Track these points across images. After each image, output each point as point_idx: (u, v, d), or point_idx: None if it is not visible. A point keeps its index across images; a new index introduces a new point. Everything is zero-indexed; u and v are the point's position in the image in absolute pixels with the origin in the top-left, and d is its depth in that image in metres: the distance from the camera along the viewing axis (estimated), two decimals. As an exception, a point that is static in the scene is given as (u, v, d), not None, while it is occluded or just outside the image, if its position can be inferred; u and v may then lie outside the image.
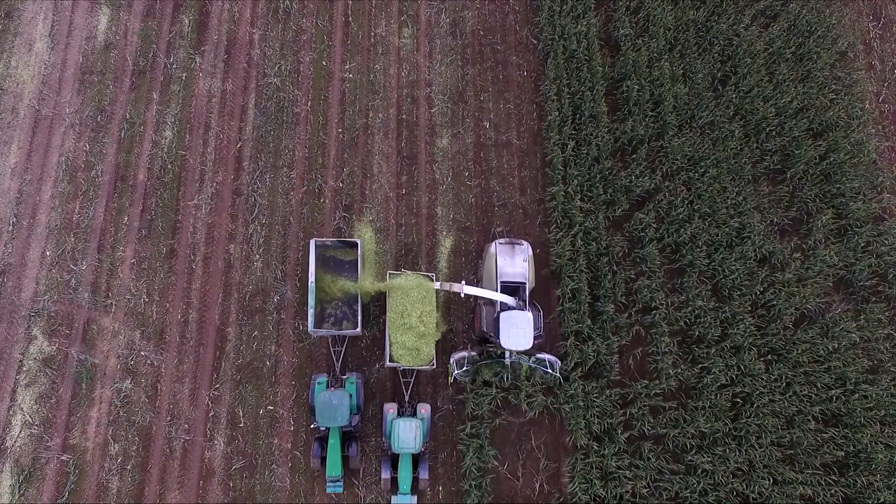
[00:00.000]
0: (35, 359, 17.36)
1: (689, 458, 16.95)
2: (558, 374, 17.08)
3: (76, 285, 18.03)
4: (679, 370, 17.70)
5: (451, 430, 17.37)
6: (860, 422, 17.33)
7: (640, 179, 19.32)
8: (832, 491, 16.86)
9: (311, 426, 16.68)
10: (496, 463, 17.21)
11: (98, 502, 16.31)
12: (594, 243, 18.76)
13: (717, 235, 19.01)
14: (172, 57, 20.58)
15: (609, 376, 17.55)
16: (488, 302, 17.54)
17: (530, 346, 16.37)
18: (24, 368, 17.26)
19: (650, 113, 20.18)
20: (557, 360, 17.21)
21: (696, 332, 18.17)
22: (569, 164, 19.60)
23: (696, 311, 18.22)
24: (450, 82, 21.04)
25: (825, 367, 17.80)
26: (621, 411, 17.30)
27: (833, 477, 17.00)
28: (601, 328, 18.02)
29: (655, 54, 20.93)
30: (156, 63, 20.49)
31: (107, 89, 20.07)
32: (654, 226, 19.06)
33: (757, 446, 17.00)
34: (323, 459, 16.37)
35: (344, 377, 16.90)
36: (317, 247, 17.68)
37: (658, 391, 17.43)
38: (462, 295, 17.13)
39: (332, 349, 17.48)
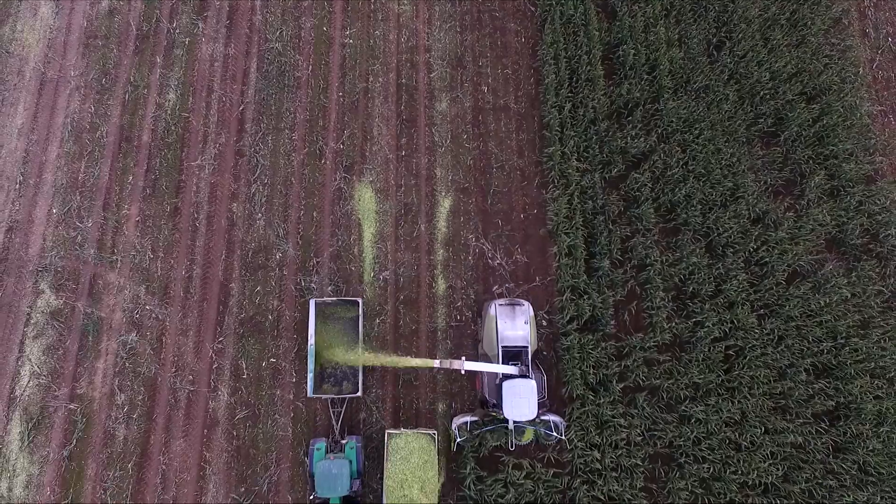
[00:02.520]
0: (42, 312, 17.73)
1: (683, 408, 17.32)
2: (563, 437, 16.44)
3: (82, 242, 18.39)
4: (673, 324, 18.06)
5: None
6: (850, 374, 17.68)
7: (636, 141, 19.65)
8: (822, 439, 17.23)
9: (310, 498, 15.84)
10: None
11: (105, 449, 16.70)
12: (590, 202, 19.10)
13: (712, 195, 19.33)
14: (175, 22, 20.91)
15: (605, 330, 17.91)
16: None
17: (535, 415, 15.72)
18: (32, 321, 17.63)
19: (646, 77, 20.50)
20: (563, 420, 16.71)
21: (690, 288, 18.51)
22: (565, 125, 19.92)
23: (691, 268, 18.56)
24: (448, 48, 21.35)
25: (817, 321, 18.14)
26: (616, 363, 17.65)
27: (823, 426, 17.37)
28: (597, 283, 18.37)
29: (651, 20, 21.22)
30: (159, 28, 20.82)
31: (111, 53, 20.41)
32: (650, 185, 19.39)
33: (749, 397, 17.37)
34: None
35: (343, 441, 16.27)
36: (317, 305, 17.22)
37: (652, 344, 17.78)
38: (463, 372, 16.24)
39: (331, 410, 16.93)
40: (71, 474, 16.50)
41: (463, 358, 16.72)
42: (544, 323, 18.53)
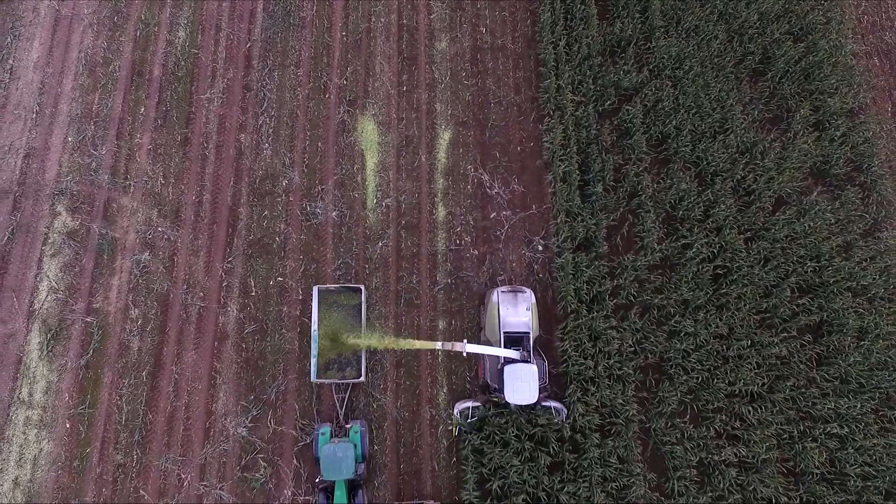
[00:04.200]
0: (59, 232, 18.50)
1: (673, 322, 18.10)
2: (565, 422, 16.78)
3: (97, 168, 19.16)
4: (664, 245, 18.84)
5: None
6: (833, 292, 18.46)
7: (628, 76, 20.41)
8: (806, 353, 18.01)
9: (316, 479, 16.20)
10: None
11: (120, 359, 17.48)
12: (584, 131, 19.88)
13: (701, 127, 20.10)
14: (184, -36, 21.67)
15: (598, 250, 18.68)
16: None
17: (535, 399, 16.06)
18: (50, 241, 18.40)
19: (638, 16, 21.26)
20: (564, 407, 17.04)
21: (680, 213, 19.28)
22: (560, 61, 20.68)
23: (681, 194, 19.33)
24: (448, -9, 22.11)
25: (801, 243, 18.92)
26: (609, 281, 18.42)
27: (807, 340, 18.15)
28: (590, 207, 19.15)
29: (644, -37, 21.98)
30: (169, -30, 21.58)
31: (123, -7, 21.18)
32: (641, 117, 20.15)
33: (736, 312, 18.14)
34: None
35: (348, 426, 16.53)
36: (320, 293, 17.48)
37: (644, 264, 18.55)
38: (465, 354, 16.46)
39: (335, 396, 17.23)
40: (88, 382, 17.28)
41: (465, 340, 16.85)
42: (540, 248, 19.30)
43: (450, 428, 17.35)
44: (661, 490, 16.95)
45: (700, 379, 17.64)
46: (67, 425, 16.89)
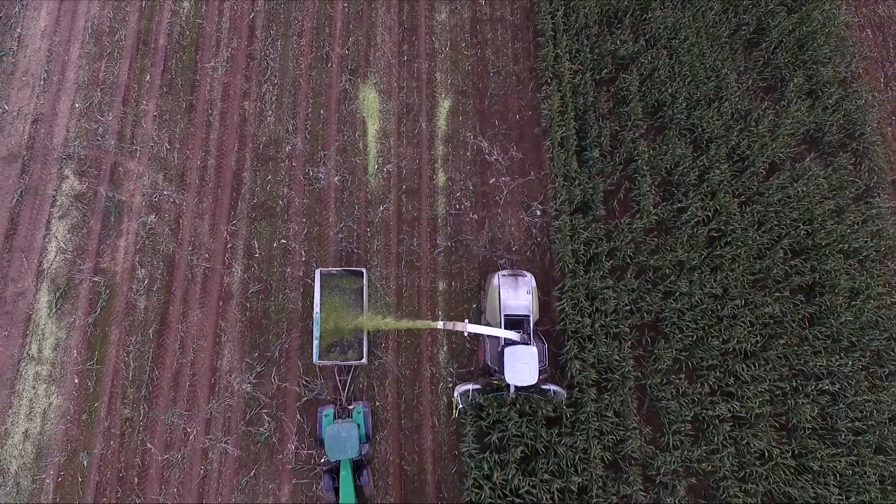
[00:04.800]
0: (67, 195, 18.89)
1: (668, 283, 18.48)
2: (563, 404, 16.95)
3: (103, 133, 19.54)
4: (659, 209, 19.22)
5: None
6: (825, 253, 18.83)
7: (625, 45, 20.79)
8: (798, 312, 18.40)
9: (321, 460, 16.46)
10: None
11: (128, 317, 17.87)
12: (581, 98, 20.25)
13: (696, 95, 20.47)
14: (189, -63, 22.04)
15: (595, 213, 19.05)
16: (493, 335, 17.29)
17: (535, 381, 16.22)
18: (58, 203, 18.79)
19: (635, -13, 21.65)
20: (563, 390, 17.15)
21: (675, 178, 19.66)
22: (558, 30, 21.05)
23: (676, 159, 19.71)
24: (448, -36, 22.48)
25: (794, 207, 19.30)
26: (606, 243, 18.79)
27: (800, 299, 18.54)
28: (588, 172, 19.53)
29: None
30: (173, -58, 21.96)
31: (128, -35, 21.54)
32: (638, 85, 20.53)
33: (730, 273, 18.52)
34: (336, 490, 16.15)
35: (350, 407, 16.80)
36: (322, 276, 17.69)
37: (640, 226, 18.92)
38: (466, 334, 16.65)
39: (338, 378, 17.47)
40: (96, 339, 17.66)
41: (466, 320, 17.14)
42: (538, 213, 19.69)
43: (460, 410, 17.22)
44: (656, 444, 17.33)
45: (695, 337, 18.02)
46: (76, 380, 17.28)
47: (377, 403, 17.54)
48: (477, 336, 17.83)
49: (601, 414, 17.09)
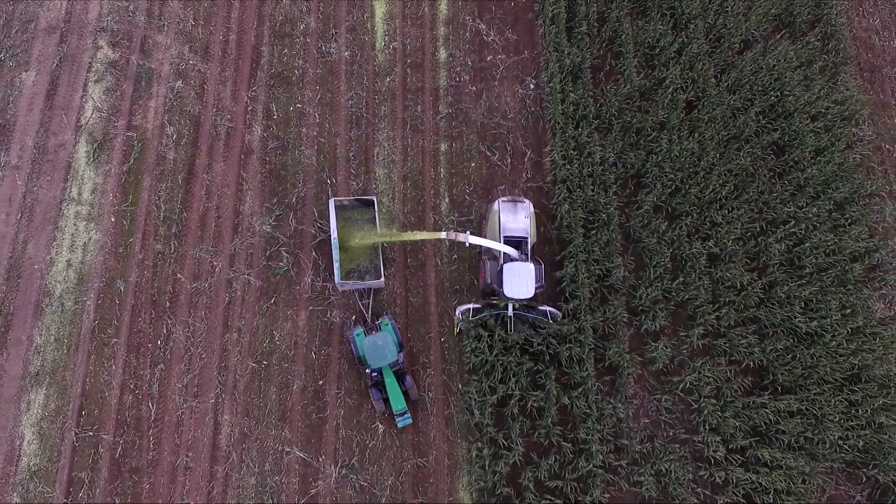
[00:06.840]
0: (101, 62, 20.70)
1: (649, 140, 20.27)
2: (557, 326, 17.70)
3: (134, 10, 21.36)
4: (641, 77, 21.01)
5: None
6: (792, 114, 20.61)
7: (611, -63, 22.62)
8: (768, 164, 20.20)
9: (366, 372, 17.12)
10: (488, 154, 20.55)
11: (158, 167, 19.68)
12: (571, -19, 22.06)
13: (677, -20, 22.29)
14: None
15: (583, 79, 20.85)
16: (492, 257, 18.39)
17: (532, 294, 17.11)
18: (93, 69, 20.61)
19: None
20: (558, 311, 17.98)
21: (657, 52, 21.46)
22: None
23: (657, 34, 21.51)
24: None
25: (765, 75, 21.10)
26: (594, 107, 20.58)
27: (769, 154, 20.34)
28: (577, 44, 21.33)
29: None
30: None
31: None
32: (622, -29, 22.36)
33: (706, 132, 20.31)
34: (385, 400, 17.11)
35: (378, 321, 17.84)
36: (336, 207, 18.68)
37: (625, 91, 20.70)
38: (467, 244, 17.49)
39: (360, 302, 18.56)
40: (129, 185, 19.47)
41: (468, 232, 18.17)
42: (531, 86, 21.48)
43: (460, 327, 18.06)
44: (638, 277, 19.11)
45: (673, 187, 19.80)
46: (112, 219, 19.08)
47: (384, 245, 19.28)
48: (478, 262, 19.16)
49: (589, 248, 18.84)
